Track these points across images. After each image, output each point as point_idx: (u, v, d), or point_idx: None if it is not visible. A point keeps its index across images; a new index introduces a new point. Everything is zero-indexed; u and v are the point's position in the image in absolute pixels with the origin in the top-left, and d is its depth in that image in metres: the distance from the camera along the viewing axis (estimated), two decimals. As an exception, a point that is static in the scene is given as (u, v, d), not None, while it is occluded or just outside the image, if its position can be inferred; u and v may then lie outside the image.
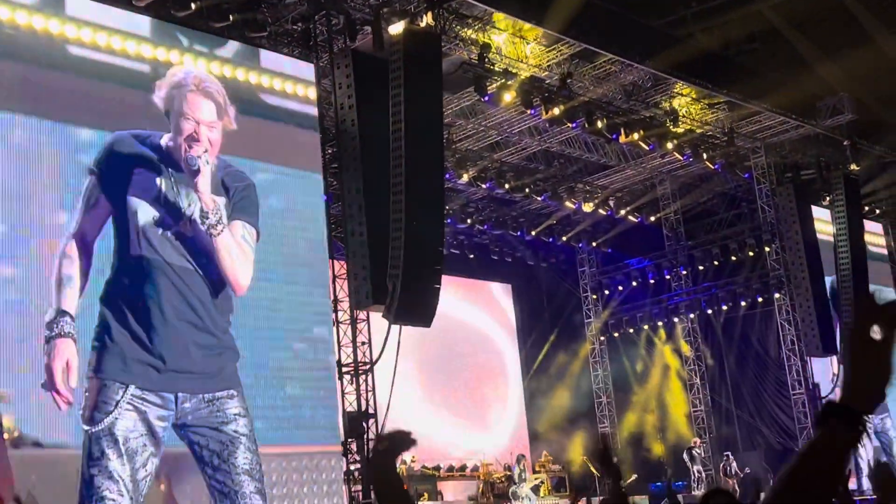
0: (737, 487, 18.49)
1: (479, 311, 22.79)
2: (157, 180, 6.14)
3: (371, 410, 13.05)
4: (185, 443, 6.18)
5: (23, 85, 10.52)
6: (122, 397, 5.89)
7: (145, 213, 6.08)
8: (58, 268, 6.20)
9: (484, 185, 20.01)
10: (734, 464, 19.71)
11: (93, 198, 6.24)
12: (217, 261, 6.11)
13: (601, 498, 17.64)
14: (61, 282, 6.15)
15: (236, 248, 6.21)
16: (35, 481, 8.35)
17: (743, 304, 22.04)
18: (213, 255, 6.17)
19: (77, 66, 11.00)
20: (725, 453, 20.26)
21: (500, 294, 23.60)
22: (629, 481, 20.04)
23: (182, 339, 6.11)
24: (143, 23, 11.67)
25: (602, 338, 24.28)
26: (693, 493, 19.21)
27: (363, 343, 13.33)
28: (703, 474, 20.09)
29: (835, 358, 19.39)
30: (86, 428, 5.85)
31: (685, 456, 20.28)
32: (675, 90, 17.76)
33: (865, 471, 16.44)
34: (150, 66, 11.42)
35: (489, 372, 22.58)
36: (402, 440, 2.33)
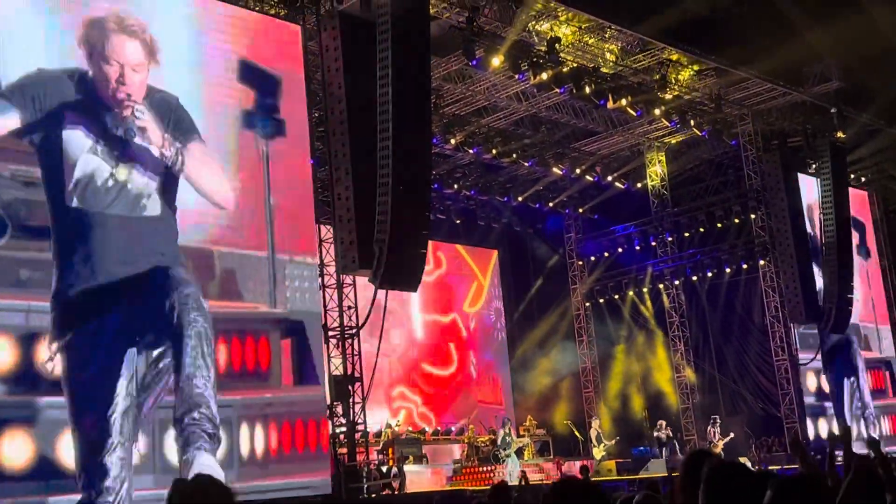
0: (721, 451, 18.65)
1: (464, 275, 22.80)
2: (90, 131, 6.08)
3: (357, 374, 13.08)
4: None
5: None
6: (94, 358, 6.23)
7: (82, 165, 6.06)
8: None
9: (471, 151, 19.95)
10: (718, 428, 19.84)
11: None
12: (197, 190, 6.25)
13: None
14: None
15: (205, 169, 6.32)
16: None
17: (728, 270, 22.13)
18: (159, 180, 6.27)
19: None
20: (712, 416, 20.39)
21: (486, 259, 23.61)
22: (611, 443, 20.21)
23: (128, 285, 6.39)
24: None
25: (587, 303, 24.37)
26: (667, 457, 19.32)
27: (349, 307, 13.34)
28: (677, 447, 20.13)
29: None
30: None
31: (655, 441, 20.30)
32: (664, 56, 17.70)
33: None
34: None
35: (474, 337, 22.64)
36: None
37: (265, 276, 11.50)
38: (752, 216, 20.85)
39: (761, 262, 20.56)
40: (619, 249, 23.98)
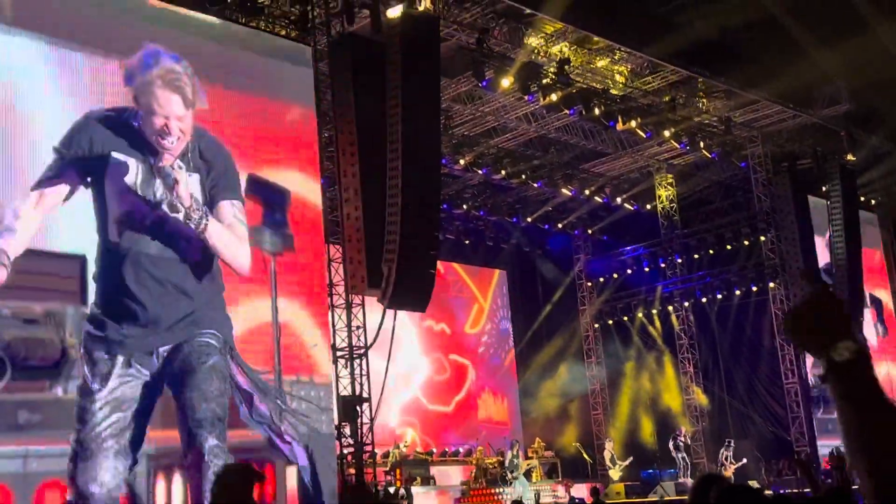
0: (732, 475, 18.54)
1: (465, 297, 22.76)
2: (132, 170, 6.03)
3: (365, 395, 13.05)
4: (164, 378, 6.11)
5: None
6: (111, 369, 5.95)
7: (121, 203, 6.01)
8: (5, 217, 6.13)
9: (480, 171, 19.98)
10: (732, 452, 19.72)
11: (55, 176, 6.11)
12: (215, 251, 6.10)
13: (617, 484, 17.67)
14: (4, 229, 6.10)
15: (227, 234, 6.13)
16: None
17: (737, 292, 22.07)
18: (195, 240, 6.15)
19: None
20: (728, 440, 20.25)
21: (495, 280, 23.60)
22: (625, 464, 20.08)
23: (160, 319, 6.12)
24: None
25: (596, 325, 24.31)
26: (679, 480, 19.23)
27: (358, 327, 13.32)
28: (689, 462, 20.12)
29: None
30: (79, 397, 5.87)
31: (670, 444, 20.34)
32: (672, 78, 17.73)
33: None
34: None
35: (483, 357, 22.59)
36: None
37: (271, 399, 10.90)
38: (762, 238, 20.81)
39: (771, 285, 20.50)
40: (629, 271, 23.95)
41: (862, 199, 21.35)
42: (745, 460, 19.43)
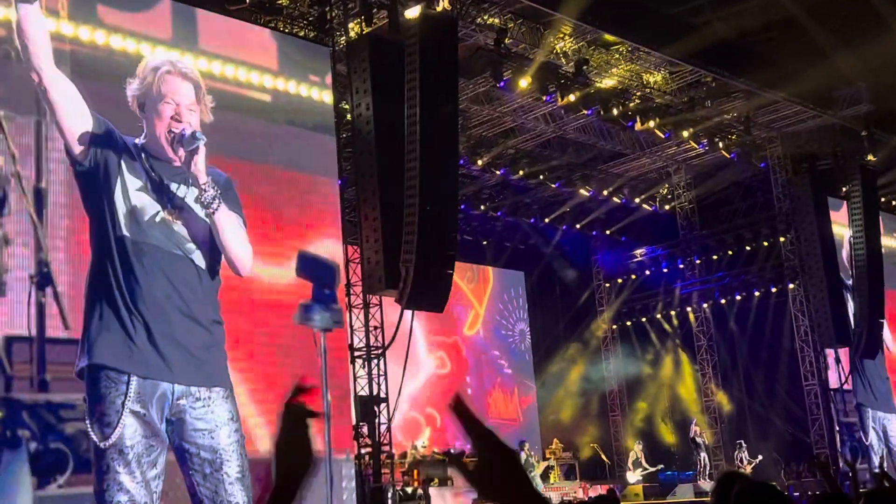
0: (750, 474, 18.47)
1: (491, 297, 22.76)
2: (141, 171, 5.80)
3: (383, 395, 13.09)
4: (172, 445, 5.67)
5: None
6: (124, 399, 5.37)
7: (131, 198, 5.71)
8: None
9: (498, 172, 19.98)
10: (746, 452, 19.68)
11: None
12: (219, 240, 5.76)
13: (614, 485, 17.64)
14: None
15: (237, 225, 5.89)
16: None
17: (756, 293, 21.97)
18: (204, 242, 5.83)
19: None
20: (738, 441, 20.21)
21: (513, 281, 23.58)
22: (652, 470, 19.98)
23: (174, 326, 5.61)
24: (270, 54, 12.13)
25: (614, 326, 24.26)
26: (697, 482, 19.15)
27: (375, 328, 13.36)
28: (709, 463, 20.03)
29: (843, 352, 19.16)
30: (98, 443, 5.34)
31: (692, 444, 20.26)
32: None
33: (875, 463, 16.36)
34: (272, 95, 12.07)
35: (500, 358, 22.57)
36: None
37: (322, 478, 10.57)
38: (782, 239, 20.70)
39: (791, 286, 20.39)
40: (647, 272, 23.89)
41: (882, 199, 21.19)
42: (760, 458, 19.35)
